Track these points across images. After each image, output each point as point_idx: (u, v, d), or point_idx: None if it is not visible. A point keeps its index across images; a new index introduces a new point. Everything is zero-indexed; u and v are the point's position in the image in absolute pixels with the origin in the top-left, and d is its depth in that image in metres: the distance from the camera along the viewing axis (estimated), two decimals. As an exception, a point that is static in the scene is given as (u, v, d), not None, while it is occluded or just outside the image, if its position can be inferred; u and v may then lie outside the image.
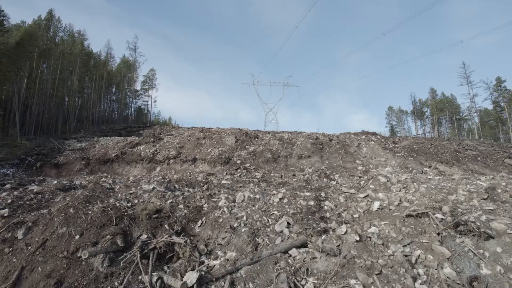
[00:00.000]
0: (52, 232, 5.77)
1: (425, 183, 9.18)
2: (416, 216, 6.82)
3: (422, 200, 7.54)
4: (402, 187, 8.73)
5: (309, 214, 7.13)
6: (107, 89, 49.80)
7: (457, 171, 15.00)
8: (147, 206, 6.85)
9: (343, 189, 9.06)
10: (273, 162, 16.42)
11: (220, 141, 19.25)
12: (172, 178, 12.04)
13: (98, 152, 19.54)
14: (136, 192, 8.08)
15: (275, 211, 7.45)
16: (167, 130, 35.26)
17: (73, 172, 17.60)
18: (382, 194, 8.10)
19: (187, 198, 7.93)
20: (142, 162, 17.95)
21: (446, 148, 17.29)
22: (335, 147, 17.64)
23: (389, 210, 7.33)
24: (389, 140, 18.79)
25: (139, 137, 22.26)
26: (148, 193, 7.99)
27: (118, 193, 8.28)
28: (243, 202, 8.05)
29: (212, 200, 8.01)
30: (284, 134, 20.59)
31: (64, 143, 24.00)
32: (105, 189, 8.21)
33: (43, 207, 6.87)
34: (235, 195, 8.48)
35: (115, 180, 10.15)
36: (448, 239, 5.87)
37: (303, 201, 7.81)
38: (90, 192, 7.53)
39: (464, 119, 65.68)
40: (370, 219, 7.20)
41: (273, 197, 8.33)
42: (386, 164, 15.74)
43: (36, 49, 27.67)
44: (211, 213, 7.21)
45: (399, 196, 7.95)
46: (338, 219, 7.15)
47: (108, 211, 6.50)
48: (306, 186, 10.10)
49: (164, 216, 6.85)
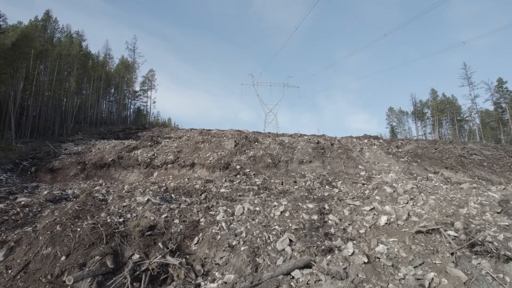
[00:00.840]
0: (36, 253, 5.35)
1: (433, 193, 8.76)
2: (427, 232, 6.41)
3: (432, 214, 7.12)
4: (409, 198, 8.31)
5: (313, 230, 6.71)
6: (105, 90, 49.38)
7: (462, 177, 14.61)
8: (140, 222, 6.43)
9: (348, 200, 8.64)
10: (273, 168, 16.01)
11: (219, 145, 18.83)
12: (169, 186, 11.62)
13: (95, 156, 19.10)
14: (130, 205, 7.66)
15: (276, 226, 7.03)
16: (166, 132, 34.82)
17: (68, 178, 17.17)
18: (389, 207, 7.68)
19: (183, 212, 7.51)
20: (139, 167, 17.53)
21: (451, 152, 16.88)
22: (337, 152, 17.23)
23: (397, 225, 6.91)
24: (392, 144, 18.37)
25: (136, 141, 21.83)
26: (142, 206, 7.56)
27: (111, 205, 7.86)
28: (243, 215, 7.62)
29: (209, 213, 7.59)
30: (285, 138, 20.18)
31: (60, 146, 23.56)
32: (97, 201, 7.79)
33: (29, 223, 6.44)
34: (234, 207, 8.06)
35: (109, 190, 9.72)
36: (463, 260, 5.45)
37: (305, 214, 7.39)
38: (80, 206, 7.10)
39: (465, 120, 65.35)
40: (377, 235, 6.78)
41: (274, 210, 7.91)
42: (390, 170, 15.32)
43: (32, 51, 27.21)
44: (209, 229, 6.78)
45: (407, 209, 7.53)
46: (343, 235, 6.73)
47: (98, 228, 6.07)
48: (308, 196, 9.68)
49: (158, 232, 6.42)
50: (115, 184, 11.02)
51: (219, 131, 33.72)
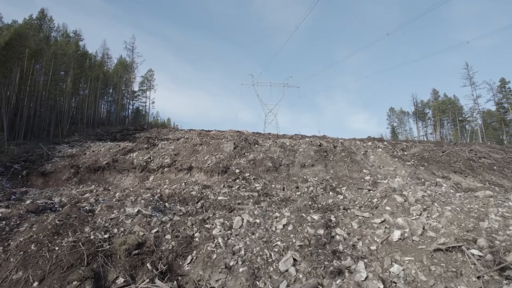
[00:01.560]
0: (4, 278, 4.68)
1: (447, 203, 8.10)
2: (446, 250, 5.75)
3: (450, 228, 6.46)
4: (422, 209, 7.65)
5: (319, 247, 6.05)
6: (103, 90, 48.69)
7: (472, 182, 13.94)
8: (127, 239, 5.76)
9: (356, 211, 7.98)
10: (274, 172, 15.34)
11: (218, 147, 18.16)
12: (164, 192, 10.96)
13: (89, 159, 18.43)
14: (118, 217, 6.99)
15: (279, 242, 6.36)
16: (164, 133, 34.11)
17: (60, 182, 16.49)
18: (401, 219, 7.02)
19: (176, 225, 6.84)
20: (135, 170, 16.85)
21: (459, 156, 16.21)
22: (340, 155, 16.56)
23: (412, 241, 6.25)
24: (397, 147, 17.71)
25: (132, 143, 21.15)
26: (132, 218, 6.89)
27: (98, 217, 7.19)
28: (241, 229, 6.96)
29: (205, 226, 6.92)
30: (286, 140, 19.51)
31: (55, 148, 22.87)
32: (83, 213, 7.12)
33: (2, 240, 5.77)
34: (232, 219, 7.39)
35: (98, 198, 9.05)
36: (492, 285, 4.79)
37: (310, 228, 6.72)
38: (62, 219, 6.43)
39: (467, 120, 64.74)
40: (390, 252, 6.12)
41: (275, 223, 7.25)
42: (396, 174, 14.67)
43: (27, 50, 26.54)
44: (204, 246, 6.12)
45: (422, 222, 6.87)
46: (352, 253, 6.07)
47: (79, 247, 5.41)
48: (312, 205, 9.01)
49: (147, 251, 5.75)
50: (106, 192, 10.35)
51: (218, 132, 33.04)
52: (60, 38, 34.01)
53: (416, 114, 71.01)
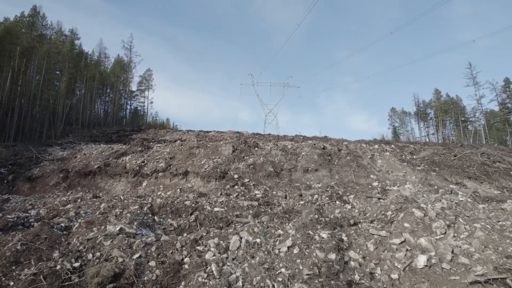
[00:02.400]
0: None
1: (474, 219, 7.14)
2: (485, 282, 4.80)
3: (486, 253, 5.49)
4: (446, 225, 6.68)
5: (332, 277, 5.08)
6: (101, 90, 47.71)
7: (489, 189, 12.99)
8: (101, 270, 4.79)
9: (370, 229, 7.01)
10: (275, 177, 14.37)
11: (216, 150, 17.19)
12: (155, 202, 9.99)
13: (79, 163, 17.45)
14: (96, 238, 6.01)
15: (283, 269, 5.40)
16: (161, 134, 33.10)
17: (48, 188, 15.52)
18: (425, 240, 6.05)
19: (163, 248, 5.86)
20: (127, 175, 15.88)
21: (471, 160, 15.26)
22: (346, 159, 15.60)
23: (441, 269, 5.29)
24: (405, 150, 16.74)
25: (126, 145, 20.17)
26: (111, 239, 5.92)
27: (74, 236, 6.22)
28: (239, 250, 5.99)
29: (197, 249, 5.94)
30: (287, 143, 18.53)
31: (46, 151, 21.88)
32: (56, 233, 6.14)
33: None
34: (228, 238, 6.42)
35: (79, 211, 8.07)
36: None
37: (320, 251, 5.75)
38: (28, 242, 5.46)
39: (469, 121, 63.79)
40: (415, 282, 5.16)
41: (278, 243, 6.29)
42: (405, 180, 13.71)
43: (18, 48, 25.56)
44: (194, 275, 5.15)
45: (449, 244, 5.90)
46: (371, 283, 5.10)
47: (39, 282, 4.42)
48: (319, 218, 8.04)
49: (126, 283, 4.79)
50: (91, 202, 9.37)
51: (217, 133, 32.04)
52: (54, 36, 33.00)
53: (418, 114, 70.04)
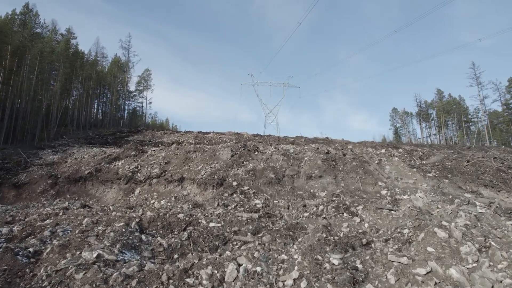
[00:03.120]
0: None
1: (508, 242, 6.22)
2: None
3: (533, 291, 4.58)
4: (477, 250, 5.77)
5: (348, 323, 4.14)
6: (98, 90, 46.76)
7: (507, 198, 12.08)
8: (63, 317, 3.85)
9: (389, 254, 6.08)
10: (276, 184, 13.44)
11: (214, 155, 16.26)
12: (145, 215, 9.06)
13: (69, 168, 16.53)
14: (67, 268, 5.08)
15: (289, 310, 4.47)
16: (159, 136, 32.14)
17: (34, 195, 14.59)
18: (456, 272, 5.13)
19: (145, 282, 4.93)
20: (119, 182, 14.96)
21: (486, 166, 14.33)
22: (351, 165, 14.67)
23: (481, 311, 4.37)
24: (414, 155, 15.83)
25: (120, 149, 19.23)
26: (85, 271, 4.99)
27: (42, 266, 5.30)
28: (236, 283, 5.08)
29: (186, 281, 5.02)
30: (289, 147, 17.61)
31: (37, 154, 20.96)
32: (20, 261, 5.22)
33: None
34: (224, 266, 5.50)
35: (56, 230, 7.13)
36: None
37: (332, 286, 4.83)
38: (-18, 276, 4.53)
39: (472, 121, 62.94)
40: (450, 328, 4.24)
41: (282, 272, 5.37)
42: (416, 188, 12.78)
43: (9, 47, 24.62)
44: (181, 320, 4.22)
45: (487, 277, 4.98)
46: (397, 331, 4.17)
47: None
48: (327, 237, 7.12)
49: (94, 335, 3.85)
50: (73, 217, 8.43)
51: (216, 135, 31.10)
52: (47, 35, 32.05)
53: (420, 115, 69.14)
